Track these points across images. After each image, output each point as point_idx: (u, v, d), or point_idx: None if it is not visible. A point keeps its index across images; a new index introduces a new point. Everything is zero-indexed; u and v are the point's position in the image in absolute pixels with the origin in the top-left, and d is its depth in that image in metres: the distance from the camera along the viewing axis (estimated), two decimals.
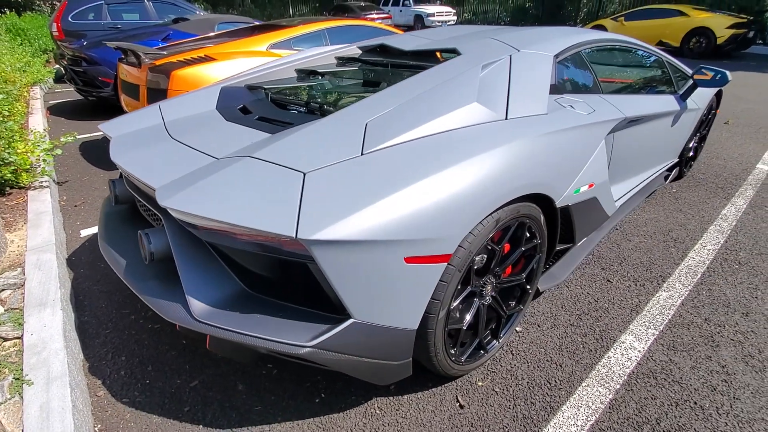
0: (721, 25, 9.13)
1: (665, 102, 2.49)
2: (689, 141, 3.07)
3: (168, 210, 1.12)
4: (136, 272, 1.38)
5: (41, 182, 3.36)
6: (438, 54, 2.27)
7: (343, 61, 2.40)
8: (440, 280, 1.20)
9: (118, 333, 1.87)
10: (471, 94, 1.46)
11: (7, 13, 11.43)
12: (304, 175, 1.13)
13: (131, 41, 5.64)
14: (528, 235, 1.52)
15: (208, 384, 1.58)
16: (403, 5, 18.43)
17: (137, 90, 3.61)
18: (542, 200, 1.54)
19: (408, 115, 1.36)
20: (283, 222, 0.99)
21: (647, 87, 2.57)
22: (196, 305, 1.16)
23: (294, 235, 0.97)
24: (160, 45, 4.98)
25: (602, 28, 11.52)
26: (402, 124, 1.31)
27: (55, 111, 6.48)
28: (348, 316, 1.10)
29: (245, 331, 1.10)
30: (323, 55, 2.44)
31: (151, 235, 1.29)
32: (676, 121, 2.66)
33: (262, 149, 1.27)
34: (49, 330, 1.74)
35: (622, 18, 11.12)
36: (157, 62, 3.41)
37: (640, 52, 2.62)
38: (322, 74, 2.26)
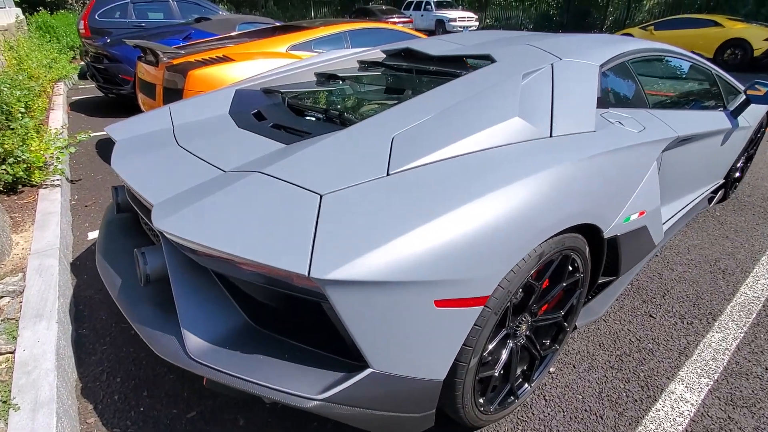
0: (759, 36, 8.72)
1: (716, 119, 2.27)
2: (737, 161, 2.83)
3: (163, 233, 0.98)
4: (131, 294, 1.24)
5: (53, 181, 3.29)
6: (466, 61, 2.11)
7: (365, 65, 2.25)
8: (474, 325, 1.03)
9: (115, 350, 1.75)
10: (512, 107, 1.28)
11: (41, 11, 11.71)
12: (321, 197, 0.98)
13: (152, 40, 5.63)
14: (570, 268, 1.34)
15: (207, 416, 1.43)
16: (425, 9, 18.29)
17: (154, 89, 3.53)
18: (589, 230, 1.36)
19: (440, 129, 1.19)
20: (294, 257, 0.83)
21: (696, 102, 2.36)
22: (193, 341, 1.01)
23: (306, 273, 0.81)
24: (181, 44, 4.93)
25: (630, 36, 11.17)
26: (433, 140, 1.15)
27: (76, 107, 6.52)
28: (365, 365, 0.94)
29: (246, 377, 0.94)
30: (345, 59, 2.29)
31: (148, 254, 1.15)
32: (726, 140, 2.43)
33: (274, 164, 1.12)
34: (43, 346, 1.62)
35: (652, 27, 10.75)
36: (175, 61, 3.33)
37: (688, 64, 2.40)
38: (344, 78, 2.11)
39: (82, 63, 9.58)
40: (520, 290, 1.22)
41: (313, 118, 1.66)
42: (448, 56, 2.01)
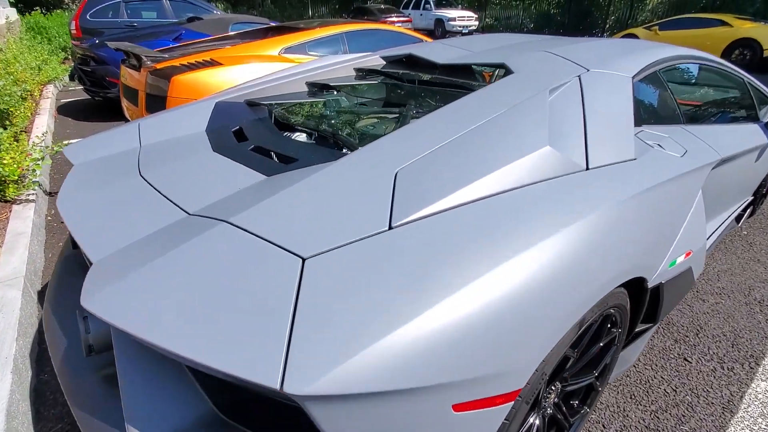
0: None
1: (753, 133, 2.05)
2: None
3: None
4: (75, 362, 1.02)
5: (28, 195, 3.06)
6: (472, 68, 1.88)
7: (363, 73, 2.02)
8: (504, 420, 0.81)
9: None
10: (541, 133, 1.06)
11: (37, 11, 11.46)
12: (303, 261, 0.75)
13: (142, 41, 5.39)
14: (608, 326, 1.12)
15: None
16: (424, 8, 18.02)
17: (137, 95, 3.30)
18: (631, 281, 1.13)
19: (454, 163, 0.97)
20: (263, 365, 0.61)
21: (729, 113, 2.14)
22: None
23: (278, 387, 0.59)
24: (171, 45, 4.70)
25: (634, 37, 10.94)
26: (446, 177, 0.92)
27: (64, 110, 6.28)
28: None
29: None
30: (340, 66, 2.06)
31: (91, 321, 0.92)
32: (761, 155, 2.21)
33: (247, 209, 0.89)
34: None
35: (657, 27, 10.52)
36: (158, 66, 3.09)
37: (718, 71, 2.18)
38: (339, 89, 1.89)
39: (73, 64, 9.33)
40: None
41: (302, 139, 1.43)
42: (457, 65, 1.78)
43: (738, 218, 2.55)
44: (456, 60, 1.78)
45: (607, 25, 15.58)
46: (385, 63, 2.09)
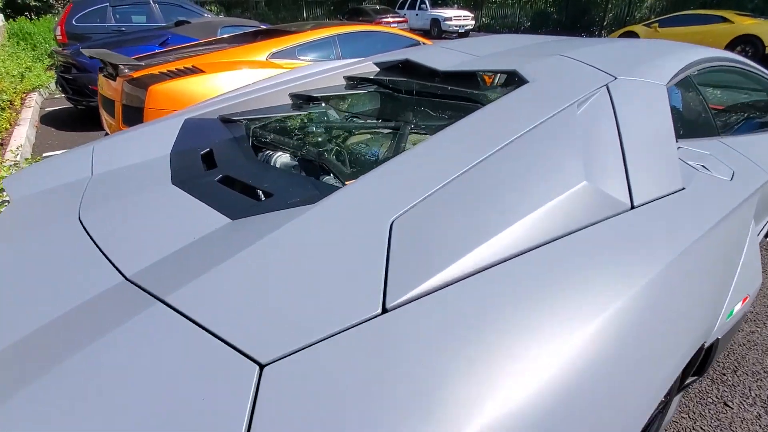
0: None
1: None
2: None
3: None
4: None
5: None
6: (484, 76, 1.67)
7: (354, 83, 1.81)
8: None
9: None
10: (574, 163, 0.84)
11: (24, 16, 11.20)
12: (261, 369, 0.53)
13: (125, 47, 5.16)
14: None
15: None
16: (420, 8, 17.82)
17: (114, 106, 3.08)
18: None
19: (467, 208, 0.75)
20: None
21: (760, 119, 1.93)
22: None
23: None
24: (156, 51, 4.47)
25: (634, 34, 10.77)
26: (459, 230, 0.71)
27: (48, 120, 6.05)
28: None
29: None
30: (329, 74, 1.85)
31: None
32: None
33: (191, 282, 0.68)
34: None
35: (656, 24, 10.34)
36: (135, 74, 2.87)
37: (746, 73, 1.97)
38: (326, 100, 1.67)
39: None
40: None
41: (285, 160, 1.22)
42: (461, 72, 1.57)
43: None
44: (459, 66, 1.57)
45: (605, 23, 15.41)
46: (378, 70, 1.88)
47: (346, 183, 0.90)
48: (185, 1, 9.46)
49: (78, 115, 6.11)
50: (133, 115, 2.80)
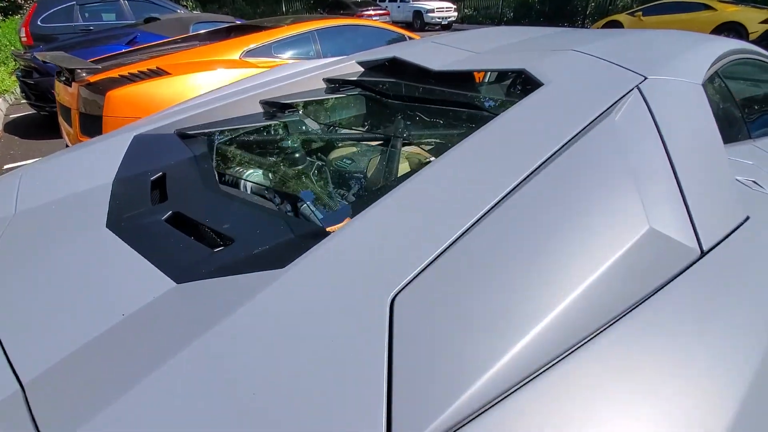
0: (754, 19, 8.31)
1: None
2: None
3: None
4: None
5: None
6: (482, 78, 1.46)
7: (334, 85, 1.58)
8: None
9: None
10: (629, 199, 0.64)
11: None
12: None
13: (89, 47, 4.82)
14: None
15: None
16: (402, 1, 17.52)
17: (71, 115, 2.79)
18: None
19: (496, 271, 0.54)
20: None
21: None
22: None
23: None
24: (122, 51, 4.16)
25: (618, 24, 10.70)
26: (487, 311, 0.50)
27: (11, 128, 5.67)
28: None
29: None
30: (306, 76, 1.61)
31: None
32: None
33: (100, 414, 0.45)
34: None
35: (640, 13, 10.29)
36: (92, 78, 2.59)
37: (761, 64, 1.81)
38: (305, 106, 1.45)
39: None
40: None
41: (246, 192, 1.00)
42: (459, 72, 1.36)
43: None
44: (456, 65, 1.36)
45: (588, 12, 15.36)
46: (362, 70, 1.65)
47: (329, 230, 0.69)
48: None
49: (43, 122, 5.73)
50: (92, 125, 2.53)
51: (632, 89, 0.97)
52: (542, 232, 0.58)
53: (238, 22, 5.10)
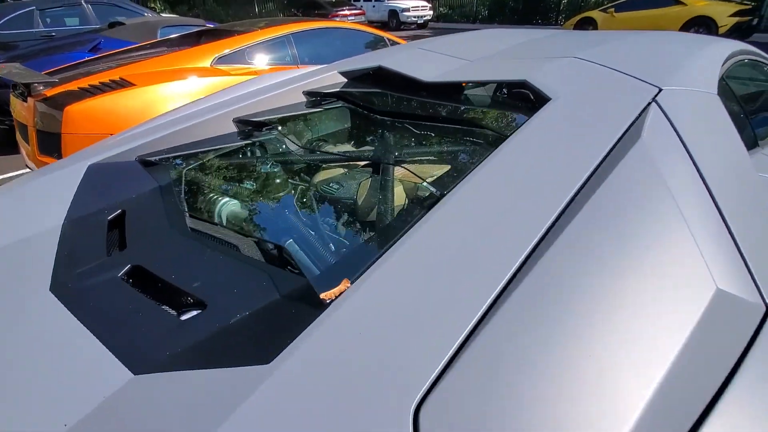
0: (724, 13, 8.51)
1: None
2: None
3: None
4: None
5: None
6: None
7: (315, 99, 1.45)
8: None
9: None
10: (689, 247, 0.53)
11: None
12: None
13: (47, 55, 4.52)
14: None
15: None
16: (377, 0, 17.39)
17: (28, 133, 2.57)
18: None
19: (542, 369, 0.42)
20: None
21: None
22: None
23: None
24: (85, 59, 3.90)
25: (591, 20, 10.83)
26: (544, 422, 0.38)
27: None
28: None
29: None
30: (284, 90, 1.47)
31: None
32: None
33: None
34: None
35: (612, 9, 10.43)
36: (48, 92, 2.38)
37: (762, 66, 1.76)
38: (284, 123, 1.31)
39: None
40: None
41: (217, 237, 0.86)
42: (453, 83, 1.24)
43: None
44: (448, 76, 1.24)
45: (561, 8, 15.54)
46: (345, 81, 1.52)
47: (323, 296, 0.57)
48: (123, 0, 8.70)
49: (4, 136, 5.38)
50: (50, 143, 2.32)
51: (650, 103, 0.88)
52: (593, 315, 0.46)
53: (209, 26, 4.88)
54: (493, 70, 1.22)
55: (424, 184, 0.91)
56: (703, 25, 8.83)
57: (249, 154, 1.20)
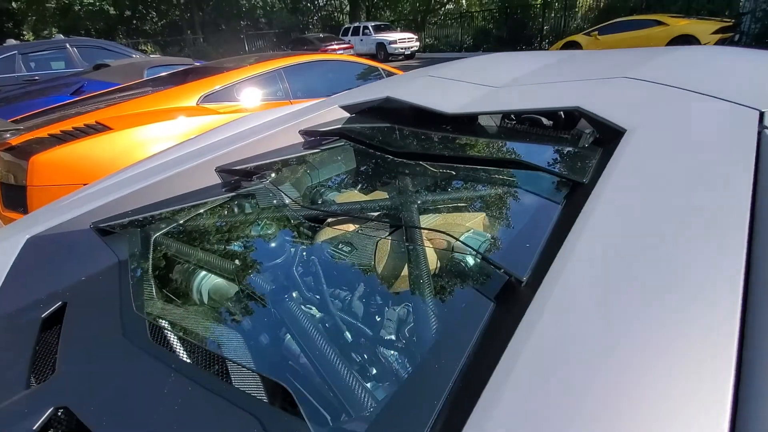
0: (706, 31, 8.66)
1: None
2: None
3: None
4: None
5: None
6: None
7: (315, 139, 1.22)
8: None
9: None
10: None
11: None
12: None
13: (26, 100, 4.33)
14: None
15: None
16: (364, 34, 17.76)
17: None
18: None
19: None
20: None
21: None
22: None
23: None
24: (59, 104, 3.70)
25: (576, 44, 11.02)
26: None
27: None
28: None
29: None
30: (277, 130, 1.25)
31: None
32: None
33: None
34: None
35: (596, 33, 10.64)
36: (14, 141, 2.15)
37: None
38: (275, 174, 1.07)
39: None
40: None
41: (190, 353, 0.61)
42: (483, 114, 1.03)
43: None
44: (478, 106, 1.03)
45: (543, 34, 15.93)
46: (348, 116, 1.31)
47: None
48: (110, 43, 8.66)
49: None
50: (15, 197, 2.07)
51: (754, 131, 0.66)
52: None
53: (197, 64, 4.75)
54: (530, 97, 1.01)
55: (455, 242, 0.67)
56: (686, 43, 8.98)
57: (234, 212, 0.96)
